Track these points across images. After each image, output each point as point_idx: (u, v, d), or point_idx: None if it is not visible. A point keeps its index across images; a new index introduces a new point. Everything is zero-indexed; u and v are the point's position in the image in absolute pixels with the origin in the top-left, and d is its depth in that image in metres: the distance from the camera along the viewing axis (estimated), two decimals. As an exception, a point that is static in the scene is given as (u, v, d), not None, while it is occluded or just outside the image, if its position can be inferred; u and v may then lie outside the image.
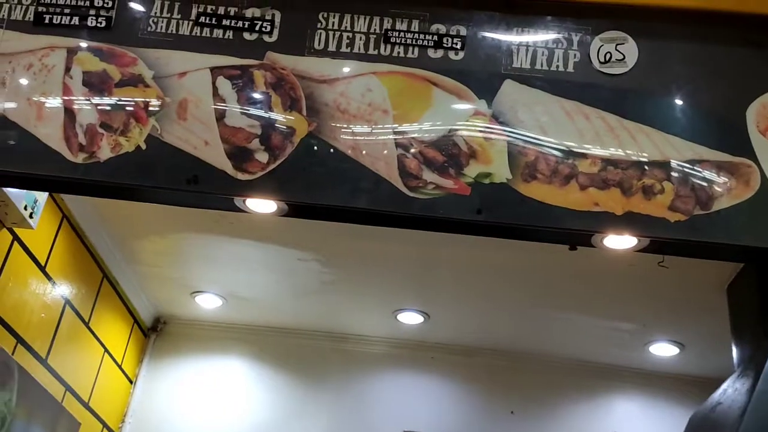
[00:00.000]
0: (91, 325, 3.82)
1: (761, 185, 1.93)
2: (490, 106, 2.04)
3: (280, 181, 1.99)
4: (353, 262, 3.84)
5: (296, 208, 2.05)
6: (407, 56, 2.08)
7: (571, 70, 2.06)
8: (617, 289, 3.75)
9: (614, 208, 1.95)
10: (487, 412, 4.41)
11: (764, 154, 1.95)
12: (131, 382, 4.44)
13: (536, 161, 1.99)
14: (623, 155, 1.98)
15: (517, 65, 2.07)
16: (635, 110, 2.02)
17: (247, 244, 3.77)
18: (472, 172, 1.99)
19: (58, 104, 2.03)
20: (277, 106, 2.03)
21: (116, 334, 4.16)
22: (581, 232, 1.98)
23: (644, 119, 2.01)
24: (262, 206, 2.09)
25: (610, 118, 2.02)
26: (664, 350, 4.26)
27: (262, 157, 1.99)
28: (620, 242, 2.04)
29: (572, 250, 3.28)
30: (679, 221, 1.94)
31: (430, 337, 4.48)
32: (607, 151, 1.98)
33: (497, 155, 2.00)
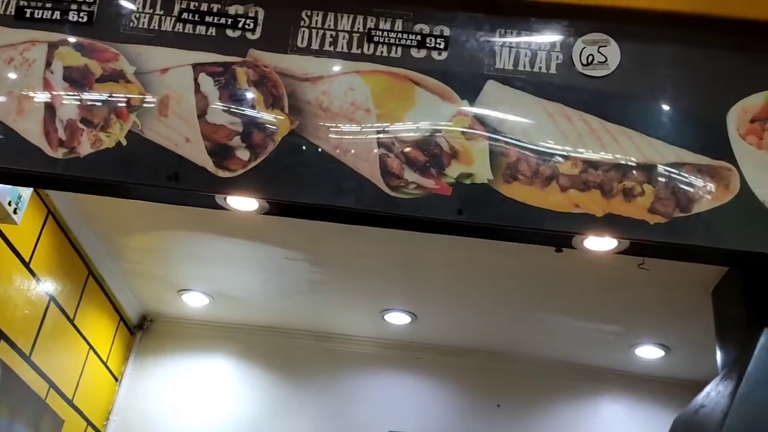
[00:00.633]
0: (75, 322, 3.80)
1: (741, 189, 1.94)
2: (472, 106, 2.04)
3: (261, 179, 1.98)
4: (341, 262, 3.84)
5: (277, 206, 2.05)
6: (390, 55, 2.08)
7: (553, 71, 2.06)
8: (603, 291, 3.76)
9: (594, 209, 1.96)
10: (473, 412, 4.41)
11: (744, 157, 1.95)
12: (116, 379, 4.42)
13: (518, 162, 1.99)
14: (605, 157, 1.98)
15: (500, 66, 2.07)
16: (617, 113, 2.02)
17: (234, 242, 3.76)
18: (453, 172, 1.99)
19: (38, 99, 2.02)
20: (259, 103, 2.02)
21: (102, 331, 4.14)
22: (562, 233, 1.99)
23: (626, 122, 2.01)
24: (243, 204, 2.08)
25: (592, 120, 2.02)
26: (649, 353, 4.27)
27: (243, 154, 1.99)
28: (601, 244, 2.05)
29: (558, 252, 3.28)
30: (658, 224, 1.94)
31: (417, 337, 4.48)
32: (588, 153, 1.99)
33: (479, 156, 2.00)
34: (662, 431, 2.87)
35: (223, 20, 2.09)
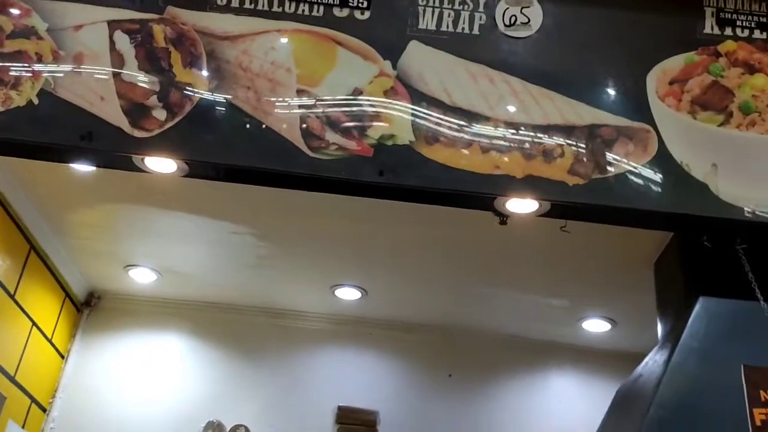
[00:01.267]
0: (17, 297, 3.72)
1: (659, 150, 1.95)
2: (395, 67, 2.02)
3: (178, 139, 1.94)
4: (288, 235, 3.79)
5: (196, 167, 2.01)
6: (312, 14, 2.05)
7: (476, 32, 2.05)
8: (548, 264, 3.76)
9: (515, 171, 1.95)
10: (424, 386, 4.42)
11: (663, 119, 1.96)
12: (63, 357, 4.34)
13: (439, 123, 1.98)
14: (526, 119, 1.98)
15: (422, 26, 2.05)
16: (539, 74, 2.02)
17: (180, 216, 3.68)
18: (375, 133, 1.97)
19: (-57, 55, 1.96)
20: (176, 62, 1.98)
21: (46, 308, 4.05)
22: (483, 195, 1.98)
23: (548, 83, 2.01)
24: (161, 165, 2.04)
25: (514, 81, 2.01)
26: (596, 326, 4.30)
27: (159, 114, 1.95)
28: (523, 206, 2.04)
29: (502, 224, 3.28)
30: (577, 185, 1.94)
31: (368, 313, 4.46)
32: (510, 114, 1.98)
33: (401, 117, 1.98)
34: (609, 403, 2.91)
35: (140, -24, 2.04)
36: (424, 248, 3.74)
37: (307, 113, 1.97)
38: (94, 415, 4.23)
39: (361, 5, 2.05)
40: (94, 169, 3.13)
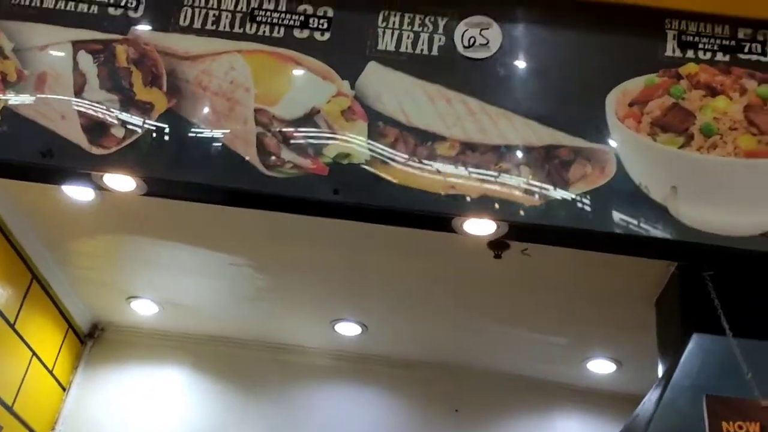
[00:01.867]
0: (17, 327, 3.73)
1: (617, 172, 1.90)
2: (353, 87, 2.02)
3: (136, 156, 1.96)
4: (286, 267, 3.77)
5: (154, 184, 2.02)
6: (273, 35, 2.07)
7: (435, 53, 2.04)
8: (549, 301, 3.67)
9: (470, 191, 1.92)
10: (424, 426, 4.32)
11: (622, 141, 1.92)
12: (64, 388, 4.35)
13: (395, 143, 1.97)
14: (482, 139, 1.95)
15: (382, 48, 2.05)
16: (497, 95, 2.00)
17: (178, 247, 3.70)
18: (331, 152, 1.97)
19: None
20: (137, 81, 2.01)
21: (47, 338, 4.06)
22: (439, 215, 1.95)
23: (506, 104, 1.99)
24: (120, 183, 2.05)
25: (472, 102, 1.99)
26: (602, 367, 4.18)
27: (118, 132, 1.97)
28: (481, 228, 2.00)
29: (497, 258, 3.23)
30: (534, 206, 1.90)
31: (369, 348, 4.39)
32: (466, 134, 1.96)
33: (357, 136, 1.98)
34: (615, 446, 2.80)
35: (105, -3, 2.09)
36: (422, 282, 3.68)
37: (263, 132, 1.98)
38: (94, 447, 4.22)
39: (321, 27, 2.07)
40: (93, 197, 3.18)
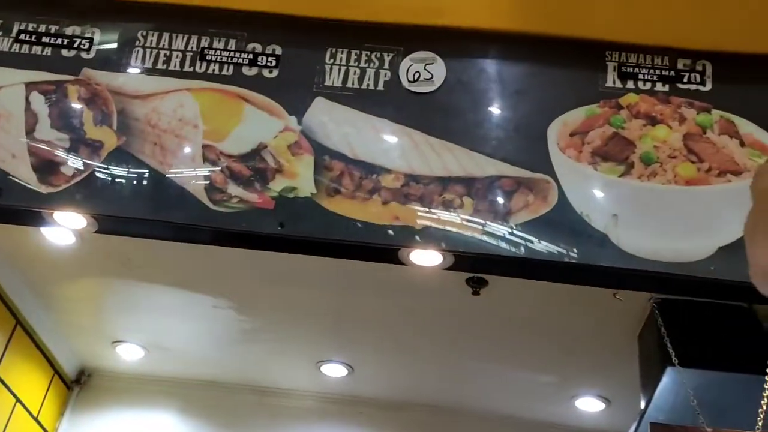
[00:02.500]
0: (0, 373, 3.71)
1: (559, 201, 1.92)
2: (300, 122, 2.06)
3: (85, 194, 1.99)
4: (271, 309, 3.74)
5: (104, 221, 2.04)
6: (222, 73, 2.11)
7: (381, 88, 2.08)
8: (533, 339, 3.64)
9: (414, 222, 1.94)
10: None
11: (563, 170, 1.94)
12: (50, 436, 4.30)
13: (341, 176, 1.99)
14: (426, 171, 1.98)
15: (329, 83, 2.09)
16: (441, 127, 2.03)
17: (161, 289, 3.66)
18: (277, 186, 1.99)
19: None
20: (87, 120, 2.05)
21: (32, 384, 3.99)
22: (384, 246, 1.96)
23: (449, 136, 2.02)
24: (71, 221, 2.07)
25: (416, 135, 2.02)
26: (590, 405, 4.12)
27: (67, 170, 2.00)
28: (428, 258, 2.01)
29: (475, 294, 3.21)
30: (477, 237, 1.91)
31: (355, 390, 4.34)
32: (410, 166, 1.98)
33: (303, 170, 2.00)
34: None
35: (59, 40, 2.14)
36: (408, 322, 3.66)
37: (211, 167, 2.00)
38: (80, 494, 4.16)
39: (269, 64, 2.11)
40: (74, 240, 3.19)
